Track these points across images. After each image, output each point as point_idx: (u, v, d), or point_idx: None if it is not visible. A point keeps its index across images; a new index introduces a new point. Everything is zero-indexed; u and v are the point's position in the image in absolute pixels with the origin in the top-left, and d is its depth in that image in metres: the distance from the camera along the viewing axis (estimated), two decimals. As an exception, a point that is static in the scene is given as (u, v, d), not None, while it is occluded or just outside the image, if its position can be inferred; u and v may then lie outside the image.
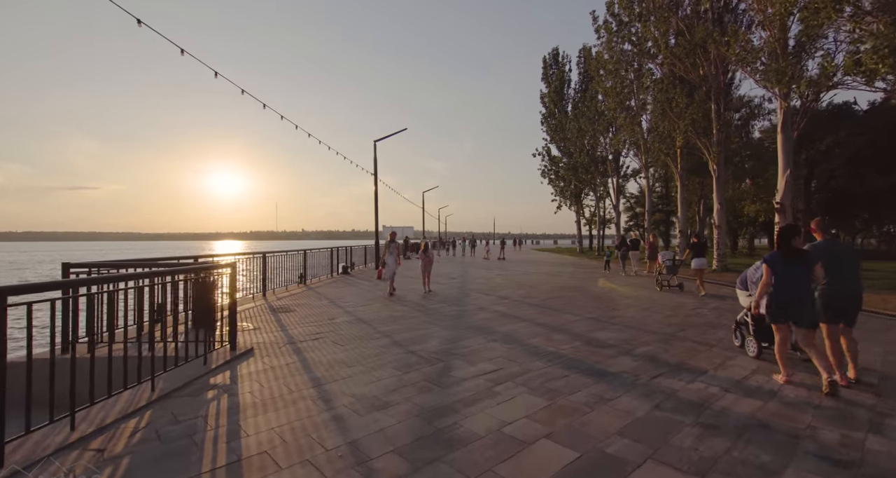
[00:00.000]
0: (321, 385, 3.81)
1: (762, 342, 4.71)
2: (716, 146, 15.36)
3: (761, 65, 11.95)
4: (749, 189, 26.42)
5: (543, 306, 8.33)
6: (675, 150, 18.43)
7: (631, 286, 11.91)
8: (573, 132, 29.14)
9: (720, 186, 15.68)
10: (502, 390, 3.71)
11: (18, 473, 2.33)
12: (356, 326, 6.42)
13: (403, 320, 6.90)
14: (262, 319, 6.92)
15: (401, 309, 8.01)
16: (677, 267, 11.02)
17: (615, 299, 9.38)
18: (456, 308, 8.10)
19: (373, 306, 8.32)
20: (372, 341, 5.48)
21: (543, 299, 9.33)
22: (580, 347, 5.17)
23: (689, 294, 10.22)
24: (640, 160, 22.16)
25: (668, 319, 7.13)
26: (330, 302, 8.87)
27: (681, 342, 5.50)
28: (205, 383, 3.85)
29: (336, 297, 9.69)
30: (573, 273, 16.45)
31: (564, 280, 13.70)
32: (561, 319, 7.06)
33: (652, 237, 18.00)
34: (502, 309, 7.98)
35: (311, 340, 5.57)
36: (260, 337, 5.69)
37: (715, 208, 15.85)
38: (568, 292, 10.51)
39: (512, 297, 9.73)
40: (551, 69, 36.14)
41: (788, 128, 12.23)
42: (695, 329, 6.29)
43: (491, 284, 12.30)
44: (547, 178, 37.36)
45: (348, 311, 7.84)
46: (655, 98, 15.71)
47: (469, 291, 10.68)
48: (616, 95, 21.79)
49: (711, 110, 15.43)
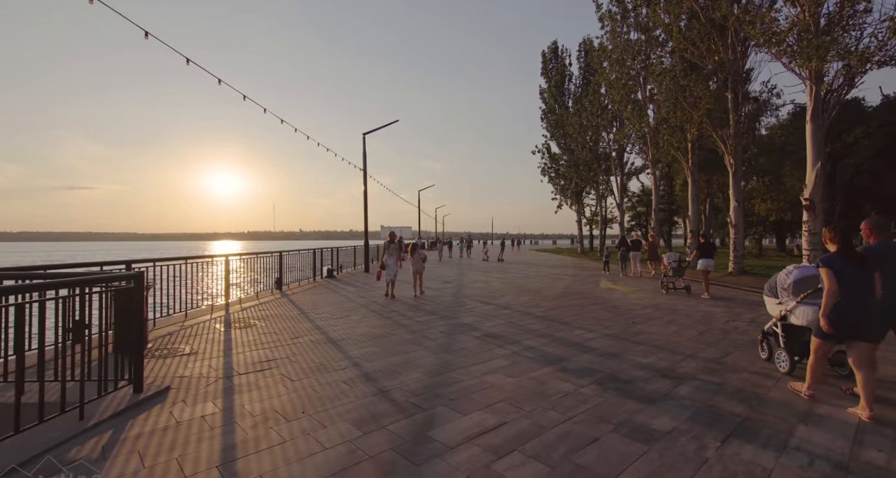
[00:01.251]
0: (231, 464, 2.54)
1: (794, 356, 4.20)
2: (733, 139, 14.15)
3: (789, 44, 10.73)
4: (759, 187, 25.29)
5: (550, 319, 7.08)
6: (685, 144, 17.23)
7: (641, 291, 10.68)
8: (575, 128, 27.91)
9: (737, 181, 14.46)
10: (507, 470, 2.46)
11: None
12: (321, 350, 5.15)
13: (382, 340, 5.64)
14: (207, 339, 5.64)
15: (381, 324, 6.75)
16: (684, 269, 10.40)
17: (631, 309, 8.14)
18: (448, 322, 6.85)
19: (350, 319, 7.05)
20: (334, 374, 4.22)
21: (549, 309, 8.09)
22: (606, 385, 3.92)
23: (711, 301, 9.00)
24: (646, 156, 20.95)
25: (703, 336, 5.89)
26: (301, 314, 7.60)
27: (734, 374, 4.25)
28: (61, 456, 2.58)
29: (311, 306, 8.42)
30: (576, 276, 15.23)
31: (569, 284, 12.46)
32: (573, 336, 5.82)
33: (651, 237, 17.10)
34: (503, 323, 6.73)
35: (257, 371, 4.30)
36: (190, 368, 4.42)
37: (731, 206, 14.63)
38: (575, 300, 9.28)
39: (513, 305, 8.49)
40: (551, 63, 34.93)
41: (819, 116, 11.02)
42: (742, 353, 5.04)
43: (489, 290, 11.04)
44: (547, 175, 36.16)
45: (319, 325, 6.58)
46: (668, 87, 14.49)
47: (464, 299, 9.43)
48: (621, 87, 20.61)
49: (728, 100, 14.21)
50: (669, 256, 10.67)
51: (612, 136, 27.97)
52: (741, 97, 13.95)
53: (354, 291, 10.74)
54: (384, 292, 9.81)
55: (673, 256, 10.69)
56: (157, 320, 6.57)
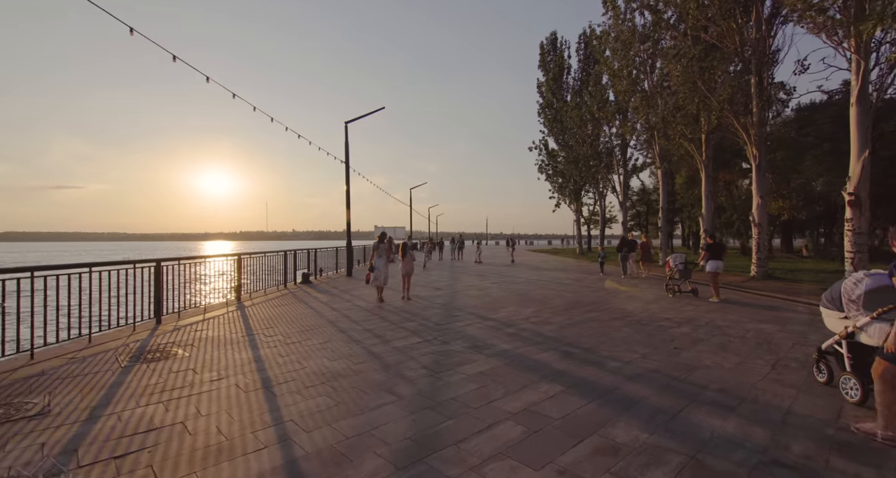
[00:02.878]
0: None
1: (867, 382, 3.37)
2: (757, 127, 12.67)
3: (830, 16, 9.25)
4: (771, 184, 23.97)
5: (568, 343, 5.48)
6: (699, 135, 15.76)
7: (659, 301, 9.13)
8: (575, 121, 26.40)
9: (761, 175, 12.99)
10: None
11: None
12: (243, 405, 3.49)
13: (339, 382, 4.00)
14: (85, 385, 3.95)
15: (346, 352, 5.10)
16: (691, 271, 9.89)
17: (660, 325, 6.57)
18: (435, 349, 5.22)
19: (306, 345, 5.39)
20: (237, 469, 2.57)
21: (563, 326, 6.49)
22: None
23: (754, 314, 7.46)
24: (653, 149, 19.47)
25: (780, 373, 4.32)
26: (246, 336, 5.92)
27: (883, 457, 2.67)
28: None
29: (265, 323, 6.75)
30: (581, 280, 13.68)
31: (577, 291, 10.89)
32: (605, 373, 4.22)
33: (644, 238, 16.32)
34: (505, 351, 5.11)
35: (109, 459, 2.64)
36: (9, 448, 2.74)
37: (755, 203, 13.16)
38: (590, 312, 7.69)
39: (516, 321, 6.88)
40: (549, 55, 33.41)
41: (866, 97, 9.57)
42: (854, 408, 3.48)
43: (486, 299, 9.43)
44: (544, 173, 34.63)
45: (261, 355, 4.92)
46: (684, 71, 12.98)
47: (457, 311, 7.81)
48: (626, 77, 19.11)
49: (751, 84, 12.74)
50: (675, 258, 10.01)
51: (614, 130, 26.49)
52: (767, 81, 12.48)
53: (327, 302, 9.07)
54: (377, 298, 9.08)
55: (679, 257, 10.03)
56: (43, 350, 4.88)
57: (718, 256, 9.24)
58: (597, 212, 38.79)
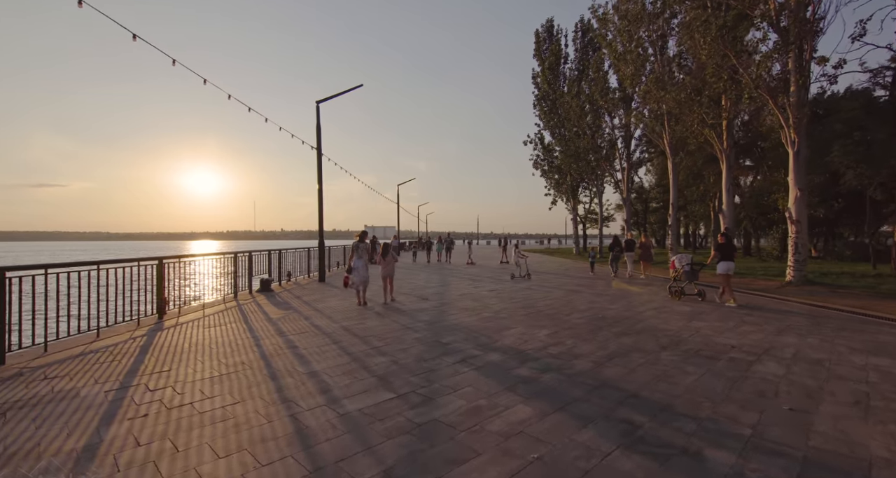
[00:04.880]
0: None
1: None
2: (795, 108, 10.89)
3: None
4: (783, 181, 22.40)
5: (617, 399, 3.50)
6: (720, 120, 13.99)
7: (699, 313, 7.23)
8: (575, 111, 24.53)
9: (799, 164, 11.19)
10: None
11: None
12: None
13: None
14: None
15: (258, 432, 3.04)
16: (698, 272, 9.18)
17: (734, 358, 4.64)
18: (411, 420, 3.19)
19: (197, 416, 3.32)
20: None
21: (598, 363, 4.51)
22: None
23: (860, 345, 5.59)
24: (663, 139, 17.68)
25: None
26: (111, 391, 3.81)
27: None
28: None
29: (165, 361, 4.63)
30: (591, 286, 11.77)
31: (591, 300, 8.96)
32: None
33: (644, 237, 15.42)
34: (528, 422, 3.12)
35: None
36: None
37: (792, 197, 11.37)
38: (624, 336, 5.73)
39: (531, 352, 4.90)
40: (545, 43, 31.58)
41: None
42: None
43: (485, 314, 7.42)
44: (539, 169, 32.80)
45: (98, 442, 2.84)
46: (714, 40, 11.10)
47: (447, 336, 5.79)
48: (633, 61, 17.30)
49: (789, 60, 10.95)
50: (681, 258, 9.44)
51: (616, 121, 24.69)
52: (809, 54, 10.68)
53: (278, 320, 6.97)
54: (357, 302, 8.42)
55: (684, 258, 9.42)
56: None
57: (730, 257, 8.50)
58: (593, 210, 37.15)
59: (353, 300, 9.02)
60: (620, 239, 15.01)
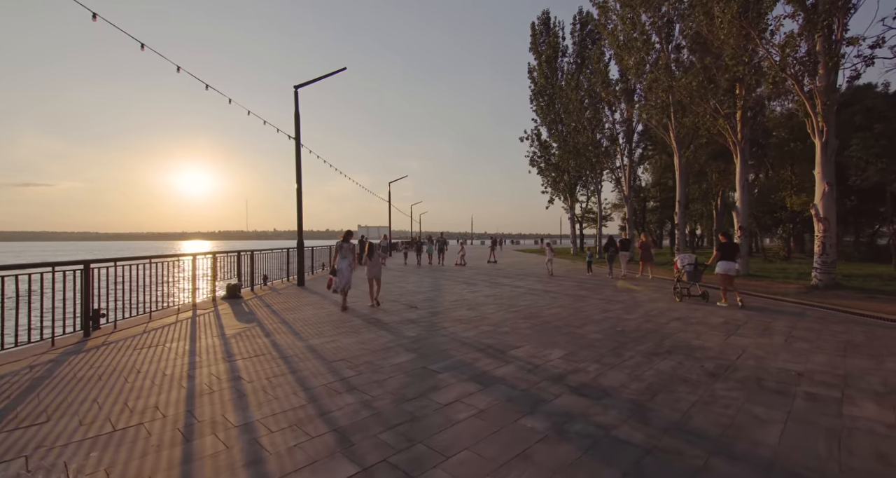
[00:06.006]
0: None
1: None
2: (824, 93, 9.86)
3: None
4: (788, 177, 21.53)
5: (668, 450, 2.36)
6: (735, 110, 12.96)
7: (725, 323, 6.14)
8: (575, 104, 23.46)
9: (827, 156, 10.17)
10: None
11: None
12: None
13: None
14: None
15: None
16: (701, 273, 8.94)
17: (809, 393, 3.53)
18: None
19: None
20: None
21: (636, 401, 3.37)
22: None
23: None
24: (669, 133, 16.64)
25: None
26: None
27: None
28: None
29: (69, 398, 3.42)
30: (598, 289, 10.66)
31: (604, 307, 7.84)
32: None
33: (644, 237, 15.03)
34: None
35: None
36: None
37: (819, 193, 10.34)
38: (657, 358, 4.59)
39: (542, 383, 3.75)
40: (542, 37, 30.55)
41: None
42: None
43: (484, 326, 6.25)
44: (536, 166, 31.73)
45: None
46: (735, 15, 10.01)
47: (438, 361, 4.61)
48: (639, 50, 16.27)
49: (817, 40, 9.91)
50: (683, 258, 9.19)
51: (617, 115, 23.65)
52: (840, 32, 9.65)
53: (235, 336, 5.75)
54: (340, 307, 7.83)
55: (687, 258, 9.15)
56: None
57: (731, 257, 8.18)
58: (590, 209, 36.19)
59: (331, 309, 7.84)
60: (616, 239, 15.14)
